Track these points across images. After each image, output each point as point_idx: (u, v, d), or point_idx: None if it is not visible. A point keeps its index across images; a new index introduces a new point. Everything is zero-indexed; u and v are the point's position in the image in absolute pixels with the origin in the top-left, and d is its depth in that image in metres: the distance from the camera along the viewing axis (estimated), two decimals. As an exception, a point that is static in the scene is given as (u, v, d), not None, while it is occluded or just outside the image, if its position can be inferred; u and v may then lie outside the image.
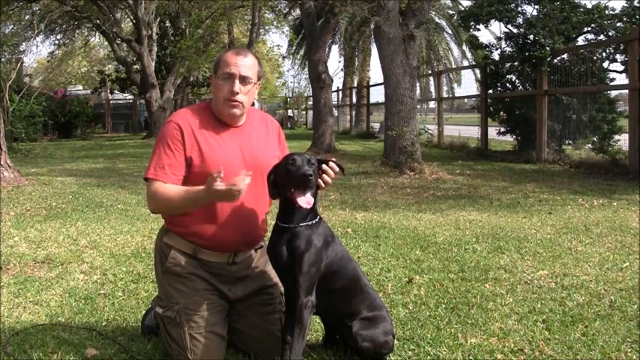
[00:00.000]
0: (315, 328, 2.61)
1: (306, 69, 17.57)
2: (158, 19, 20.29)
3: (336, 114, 19.92)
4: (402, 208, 5.67)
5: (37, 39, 19.61)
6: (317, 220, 2.16)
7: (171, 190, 2.19)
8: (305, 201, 2.05)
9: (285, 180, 2.10)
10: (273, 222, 2.20)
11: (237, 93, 2.23)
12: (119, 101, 26.71)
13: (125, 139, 19.23)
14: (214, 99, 2.31)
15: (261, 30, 18.12)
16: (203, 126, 2.27)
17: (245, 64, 2.25)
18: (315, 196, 2.12)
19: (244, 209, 2.27)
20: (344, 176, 5.44)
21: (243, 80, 2.25)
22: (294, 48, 24.49)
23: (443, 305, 2.89)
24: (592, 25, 9.67)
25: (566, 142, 9.80)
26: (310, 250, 2.08)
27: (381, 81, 9.24)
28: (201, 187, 2.11)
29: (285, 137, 2.55)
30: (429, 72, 19.25)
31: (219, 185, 2.01)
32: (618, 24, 9.36)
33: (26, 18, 18.51)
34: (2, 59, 16.52)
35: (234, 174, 2.22)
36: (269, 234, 2.24)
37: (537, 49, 9.27)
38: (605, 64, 9.73)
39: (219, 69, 2.28)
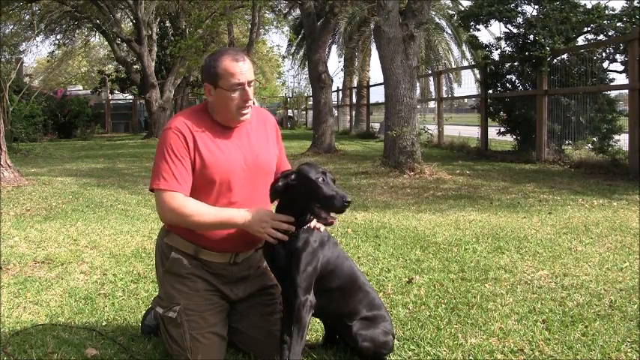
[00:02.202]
0: (315, 328, 2.61)
1: (306, 69, 17.57)
2: (158, 19, 20.31)
3: (336, 114, 19.93)
4: (402, 208, 5.68)
5: (37, 39, 19.67)
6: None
7: (203, 209, 2.17)
8: (335, 219, 2.08)
9: (312, 194, 2.07)
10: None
11: (251, 99, 2.24)
12: (119, 101, 26.73)
13: (125, 139, 19.24)
14: (221, 109, 2.26)
15: (261, 30, 18.12)
16: (202, 130, 2.24)
17: (247, 68, 2.24)
18: None
19: (245, 209, 2.27)
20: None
21: (249, 84, 2.25)
22: (294, 48, 24.52)
23: (443, 305, 2.89)
24: (592, 25, 9.67)
25: (566, 142, 9.79)
26: (307, 250, 2.09)
27: (381, 81, 9.25)
28: (242, 212, 2.16)
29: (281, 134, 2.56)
30: (429, 72, 19.29)
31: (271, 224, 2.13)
32: (618, 24, 9.34)
33: (26, 18, 18.53)
34: (2, 59, 16.53)
35: (235, 176, 2.22)
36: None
37: (537, 49, 9.26)
38: (605, 64, 9.73)
39: (222, 80, 2.20)
